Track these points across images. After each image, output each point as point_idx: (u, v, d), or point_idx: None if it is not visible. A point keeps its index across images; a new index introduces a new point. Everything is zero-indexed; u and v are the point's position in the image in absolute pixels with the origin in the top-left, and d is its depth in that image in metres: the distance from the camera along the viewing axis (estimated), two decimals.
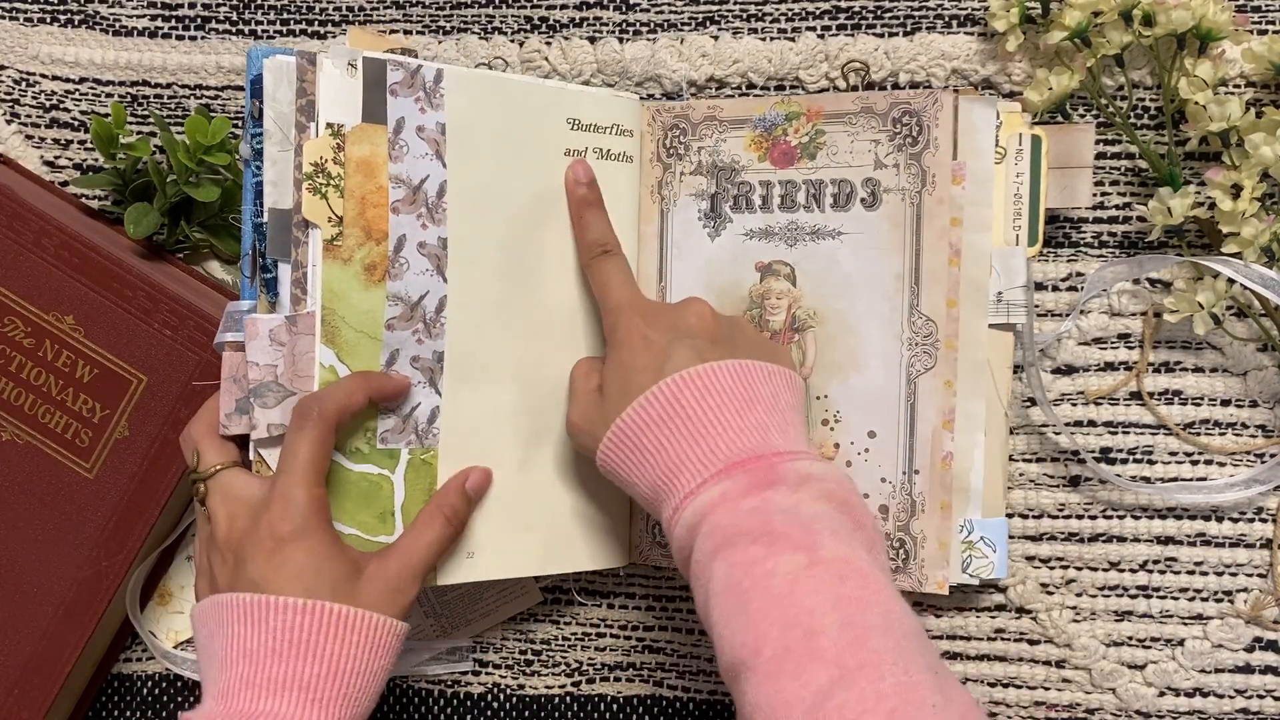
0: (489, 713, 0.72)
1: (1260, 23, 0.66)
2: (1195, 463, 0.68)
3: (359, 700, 0.54)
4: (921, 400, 0.63)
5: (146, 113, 0.70)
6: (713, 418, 0.53)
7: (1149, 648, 0.69)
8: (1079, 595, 0.69)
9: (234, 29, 0.70)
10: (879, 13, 0.68)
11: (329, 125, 0.57)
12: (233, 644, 0.53)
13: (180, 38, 0.70)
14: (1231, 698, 0.68)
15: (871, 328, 0.64)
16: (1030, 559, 0.69)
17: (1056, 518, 0.68)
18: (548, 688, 0.72)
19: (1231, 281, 0.63)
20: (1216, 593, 0.68)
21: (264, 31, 0.70)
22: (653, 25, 0.69)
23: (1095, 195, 0.67)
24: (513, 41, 0.69)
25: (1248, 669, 0.68)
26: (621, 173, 0.66)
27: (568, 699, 0.72)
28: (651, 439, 0.54)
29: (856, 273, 0.64)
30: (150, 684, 0.72)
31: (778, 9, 0.68)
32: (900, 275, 0.63)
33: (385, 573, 0.56)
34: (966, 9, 0.67)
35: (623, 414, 0.55)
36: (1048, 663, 0.69)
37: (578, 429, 0.59)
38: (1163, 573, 0.68)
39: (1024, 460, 0.68)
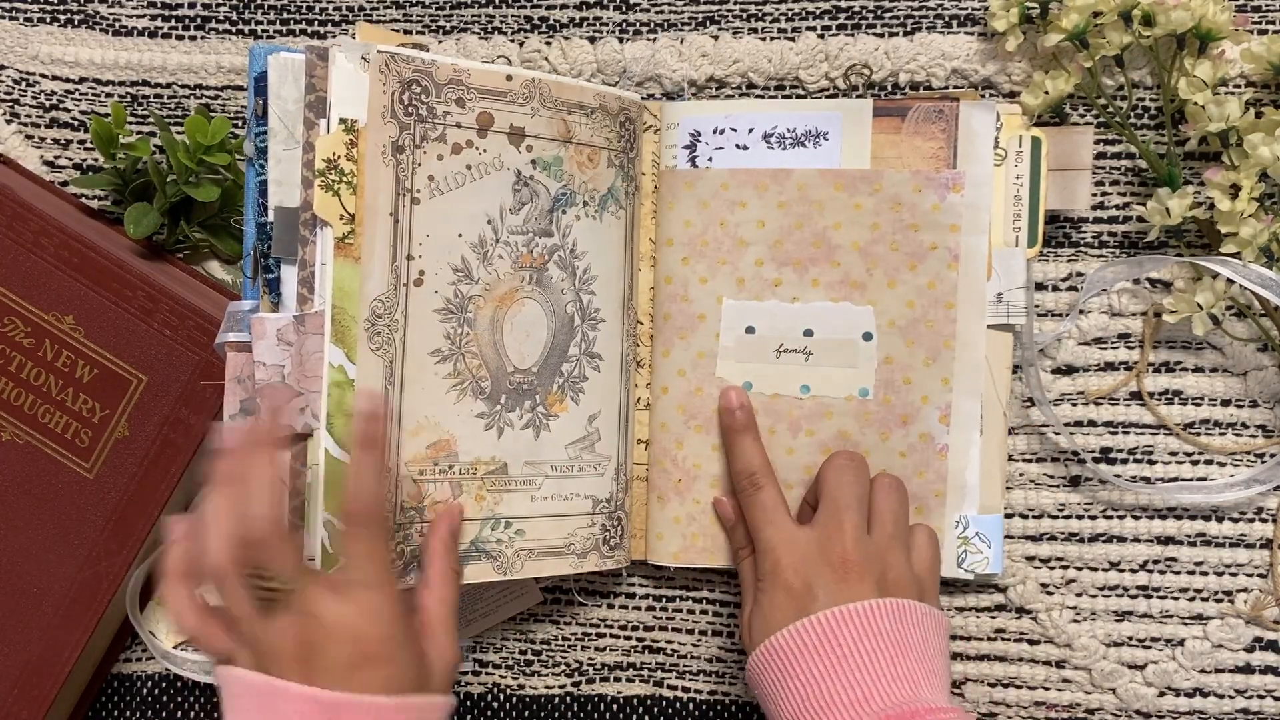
0: (489, 713, 0.72)
1: (1260, 23, 0.66)
2: (1195, 463, 0.68)
3: None
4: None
5: (146, 113, 0.70)
6: (866, 662, 0.55)
7: (1149, 648, 0.69)
8: (1079, 595, 0.69)
9: (234, 29, 0.70)
10: (879, 13, 0.68)
11: (342, 121, 0.57)
12: None
13: (180, 38, 0.70)
14: (1231, 698, 0.68)
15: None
16: (1030, 559, 0.69)
17: (1056, 518, 0.68)
18: (548, 688, 0.72)
19: (1231, 282, 0.63)
20: (1216, 593, 0.68)
21: (264, 31, 0.70)
22: (653, 25, 0.69)
23: (1095, 196, 0.67)
24: (513, 41, 0.69)
25: (1248, 669, 0.68)
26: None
27: (568, 699, 0.72)
28: (803, 668, 0.56)
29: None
30: (150, 684, 0.72)
31: (778, 9, 0.68)
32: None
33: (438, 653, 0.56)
34: (966, 9, 0.67)
35: (778, 634, 0.57)
36: (1048, 663, 0.69)
37: (742, 631, 0.61)
38: (1163, 573, 0.68)
39: (1024, 460, 0.68)
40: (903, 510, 0.61)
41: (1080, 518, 0.68)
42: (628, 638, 0.71)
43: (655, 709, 0.71)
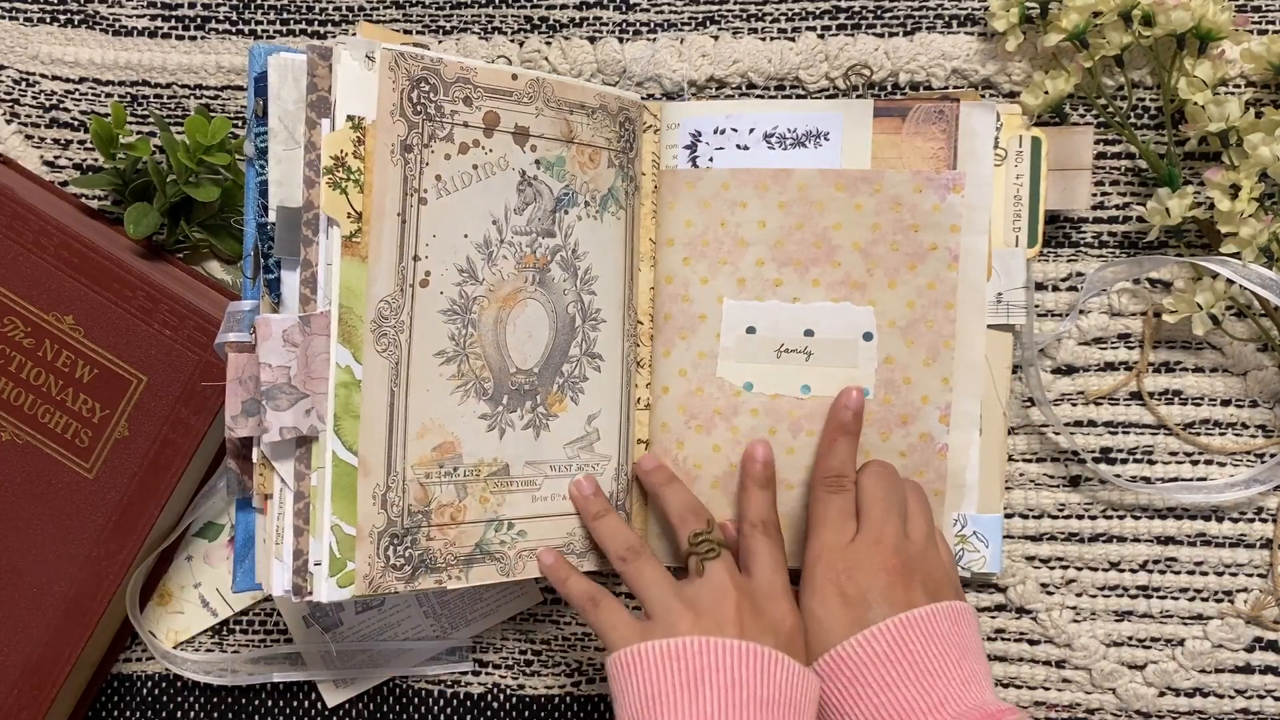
0: (489, 713, 0.72)
1: (1260, 23, 0.66)
2: (1195, 463, 0.68)
3: None
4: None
5: (146, 113, 0.70)
6: (935, 666, 0.56)
7: (1149, 648, 0.69)
8: (1079, 595, 0.69)
9: (234, 29, 0.70)
10: (879, 13, 0.68)
11: (349, 118, 0.56)
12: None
13: (180, 38, 0.70)
14: (1231, 698, 0.68)
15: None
16: (1030, 559, 0.69)
17: (1056, 518, 0.68)
18: (548, 688, 0.72)
19: (1231, 282, 0.63)
20: (1216, 593, 0.68)
21: (264, 31, 0.70)
22: (653, 25, 0.69)
23: (1095, 196, 0.67)
24: (513, 41, 0.69)
25: (1248, 669, 0.68)
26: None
27: (568, 699, 0.72)
28: (874, 676, 0.56)
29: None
30: (150, 684, 0.72)
31: (778, 9, 0.68)
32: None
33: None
34: (966, 9, 0.67)
35: (844, 644, 0.57)
36: (1048, 663, 0.69)
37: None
38: (1163, 573, 0.68)
39: (1024, 460, 0.68)
40: (930, 511, 0.62)
41: (1080, 518, 0.68)
42: None
43: None
